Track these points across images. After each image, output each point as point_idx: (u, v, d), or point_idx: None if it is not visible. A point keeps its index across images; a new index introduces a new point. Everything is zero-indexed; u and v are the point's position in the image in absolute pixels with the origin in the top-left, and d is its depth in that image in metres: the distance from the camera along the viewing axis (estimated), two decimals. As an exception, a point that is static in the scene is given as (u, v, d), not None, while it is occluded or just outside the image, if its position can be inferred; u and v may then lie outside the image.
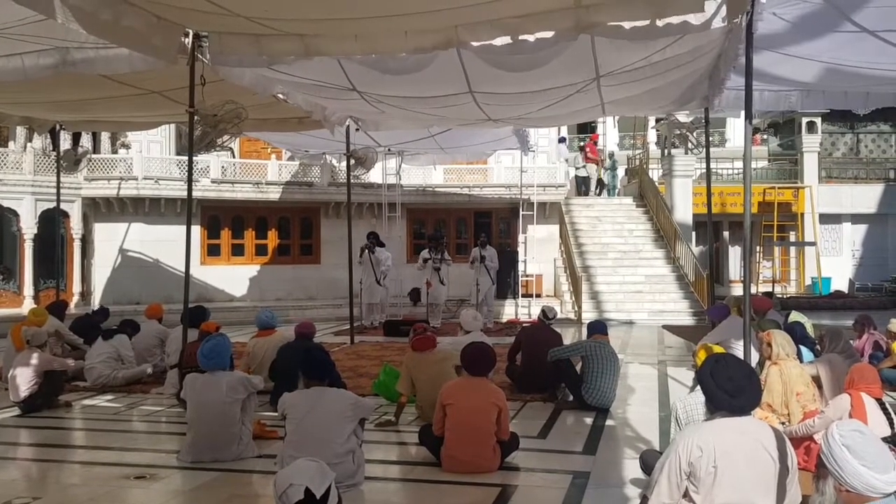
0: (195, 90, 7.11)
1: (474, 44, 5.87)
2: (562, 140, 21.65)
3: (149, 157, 17.42)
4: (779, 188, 23.01)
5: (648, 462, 4.58)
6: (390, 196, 17.02)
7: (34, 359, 7.59)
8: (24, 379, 7.48)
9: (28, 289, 15.79)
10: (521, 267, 17.54)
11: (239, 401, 5.71)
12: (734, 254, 23.73)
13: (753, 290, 13.89)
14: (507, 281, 16.98)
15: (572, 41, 5.84)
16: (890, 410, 4.79)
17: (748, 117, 6.08)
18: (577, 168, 23.23)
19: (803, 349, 7.17)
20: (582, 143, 25.07)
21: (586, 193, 22.87)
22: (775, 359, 5.71)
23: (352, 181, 13.14)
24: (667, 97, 9.14)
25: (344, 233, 13.26)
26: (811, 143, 23.56)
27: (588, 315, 15.40)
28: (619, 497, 4.93)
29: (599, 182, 23.34)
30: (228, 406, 5.64)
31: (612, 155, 24.40)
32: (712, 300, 11.13)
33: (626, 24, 5.41)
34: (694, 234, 19.96)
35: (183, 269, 7.62)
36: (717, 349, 4.75)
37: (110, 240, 17.19)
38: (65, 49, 6.94)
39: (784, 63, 7.19)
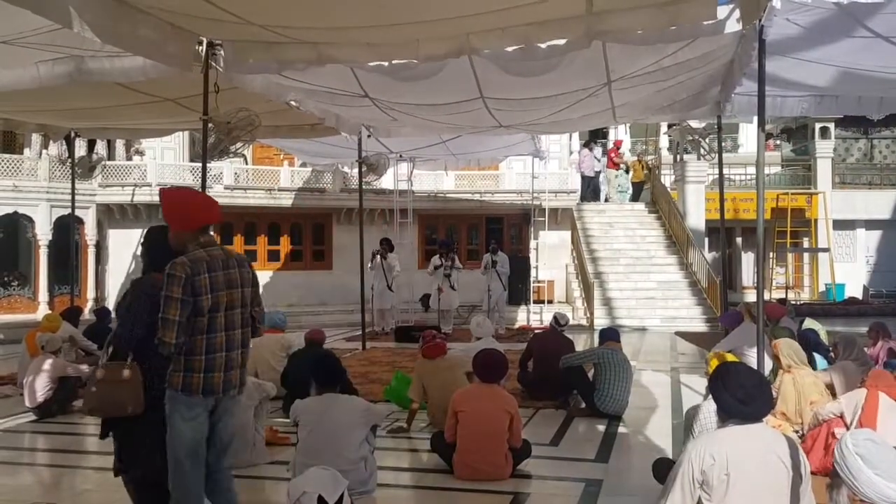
0: (209, 98, 7.15)
1: (486, 51, 5.89)
2: (585, 145, 21.69)
3: (163, 163, 17.57)
4: (792, 194, 22.85)
5: (661, 470, 4.56)
6: (402, 202, 17.05)
7: (49, 365, 7.66)
8: (39, 385, 7.56)
9: (43, 295, 15.95)
10: (532, 273, 17.53)
11: (252, 406, 5.73)
12: (747, 260, 23.59)
13: (767, 296, 13.81)
14: (518, 287, 16.95)
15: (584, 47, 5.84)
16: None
17: (761, 123, 6.07)
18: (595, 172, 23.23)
19: (817, 356, 7.12)
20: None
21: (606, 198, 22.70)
22: (787, 368, 5.67)
23: (363, 187, 13.18)
24: (679, 102, 9.12)
25: (356, 239, 13.30)
26: (824, 149, 23.40)
27: (600, 321, 15.36)
28: (631, 505, 4.91)
29: (637, 186, 23.04)
30: (244, 410, 5.66)
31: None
32: (725, 307, 11.08)
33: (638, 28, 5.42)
34: (707, 239, 19.87)
35: (196, 276, 7.63)
36: (730, 357, 4.74)
37: (124, 246, 17.33)
38: (80, 57, 7.00)
39: (797, 68, 7.16)
